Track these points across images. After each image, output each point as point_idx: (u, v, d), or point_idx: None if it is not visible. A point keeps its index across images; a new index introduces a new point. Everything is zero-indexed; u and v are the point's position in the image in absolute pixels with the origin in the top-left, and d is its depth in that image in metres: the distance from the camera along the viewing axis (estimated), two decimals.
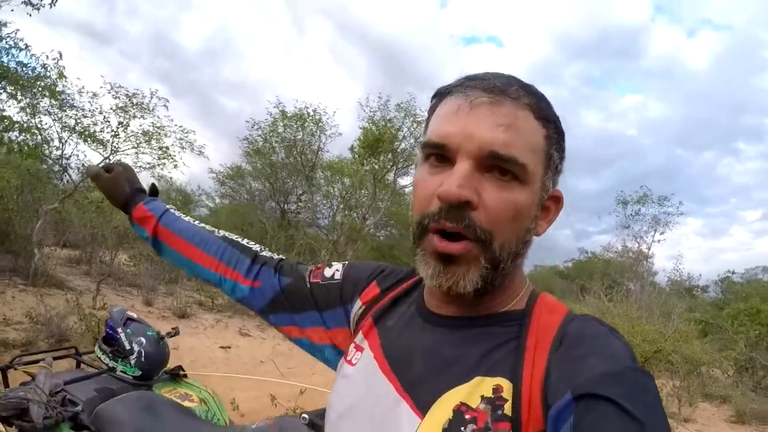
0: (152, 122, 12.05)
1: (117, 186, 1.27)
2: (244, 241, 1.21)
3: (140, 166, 12.37)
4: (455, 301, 0.83)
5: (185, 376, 2.85)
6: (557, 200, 0.86)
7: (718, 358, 10.17)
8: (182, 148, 12.76)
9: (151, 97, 11.82)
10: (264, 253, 1.19)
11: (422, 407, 0.76)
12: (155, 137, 12.14)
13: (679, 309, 13.02)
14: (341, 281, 1.08)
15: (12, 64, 8.65)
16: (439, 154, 0.77)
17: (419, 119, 18.11)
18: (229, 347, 9.30)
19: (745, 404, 8.53)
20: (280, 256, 1.20)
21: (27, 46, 8.70)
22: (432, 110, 0.85)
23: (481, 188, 0.74)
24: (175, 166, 12.77)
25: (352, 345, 0.97)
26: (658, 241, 21.49)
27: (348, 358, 0.95)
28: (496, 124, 0.74)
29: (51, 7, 8.08)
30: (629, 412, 0.60)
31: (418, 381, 0.80)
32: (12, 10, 8.17)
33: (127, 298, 11.12)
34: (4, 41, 8.55)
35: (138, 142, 11.95)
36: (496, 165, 0.74)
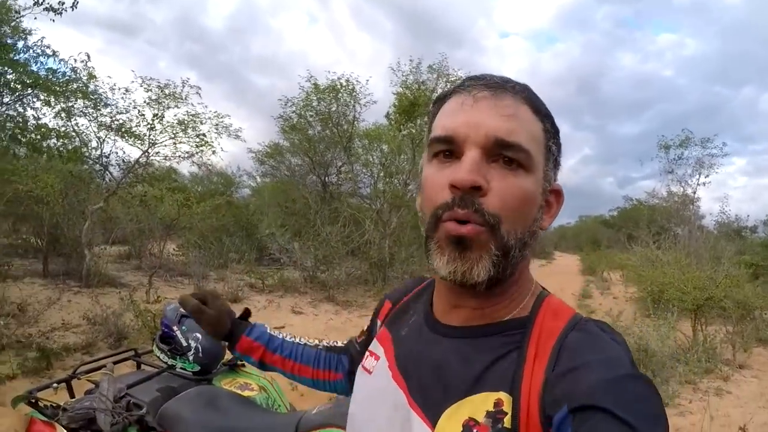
0: (186, 111, 12.09)
1: (218, 320, 1.28)
2: (339, 343, 1.34)
3: (179, 156, 12.55)
4: (465, 300, 0.86)
5: (243, 365, 2.91)
6: (558, 195, 0.89)
7: None
8: (218, 133, 12.78)
9: (183, 86, 11.86)
10: (345, 345, 1.33)
11: (432, 419, 0.79)
12: (191, 125, 12.16)
13: (728, 252, 12.77)
14: (370, 323, 1.19)
15: (42, 72, 8.75)
16: (446, 150, 0.81)
17: (453, 79, 17.75)
18: (283, 327, 9.36)
19: None
20: (349, 338, 1.33)
21: (55, 53, 8.77)
22: (433, 116, 0.89)
23: (489, 176, 0.77)
24: (213, 152, 12.82)
25: (367, 352, 1.04)
26: (703, 183, 20.97)
27: (365, 365, 1.01)
28: (499, 114, 0.78)
29: (73, 9, 8.09)
30: (622, 418, 0.62)
31: (428, 393, 0.83)
32: (35, 18, 8.24)
33: (179, 288, 11.36)
34: (31, 50, 8.63)
35: (174, 132, 12.01)
36: (502, 154, 0.78)
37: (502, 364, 0.79)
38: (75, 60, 9.47)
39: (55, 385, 2.33)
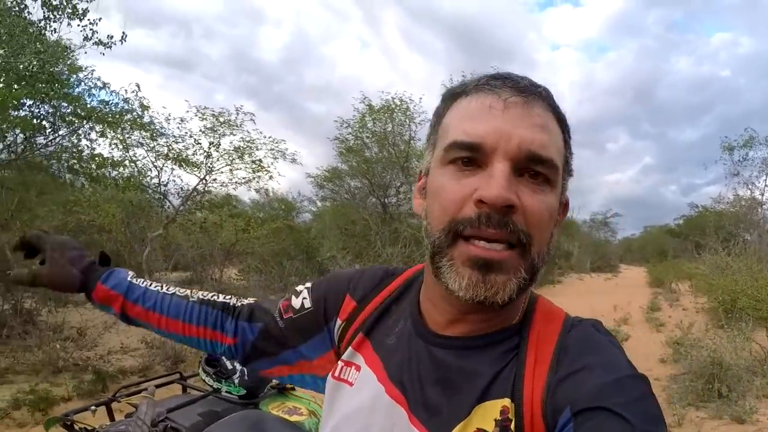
0: (242, 137, 12.29)
1: (61, 274, 1.12)
2: (220, 298, 1.16)
3: (236, 182, 12.80)
4: (469, 316, 0.80)
5: (293, 388, 2.81)
6: (565, 207, 0.84)
7: None
8: (274, 158, 12.96)
9: (237, 114, 12.07)
10: (238, 304, 1.15)
11: None
12: (247, 152, 12.37)
13: None
14: (312, 308, 1.04)
15: (94, 103, 9.08)
16: (467, 157, 0.73)
17: None
18: None
19: None
20: (251, 301, 1.16)
21: (105, 84, 9.09)
22: (443, 112, 0.82)
23: (519, 192, 0.71)
24: (271, 177, 13.04)
25: (341, 362, 0.94)
26: None
27: (340, 376, 0.92)
28: (532, 124, 0.72)
29: (122, 42, 8.45)
30: (622, 416, 0.62)
31: (433, 410, 0.78)
32: (85, 53, 8.61)
33: None
34: (83, 83, 8.97)
35: (231, 159, 12.23)
36: (529, 168, 0.72)
37: (505, 371, 0.76)
38: (126, 91, 9.76)
39: (93, 407, 2.29)
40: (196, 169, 11.81)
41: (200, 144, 11.74)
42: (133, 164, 10.74)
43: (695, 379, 6.80)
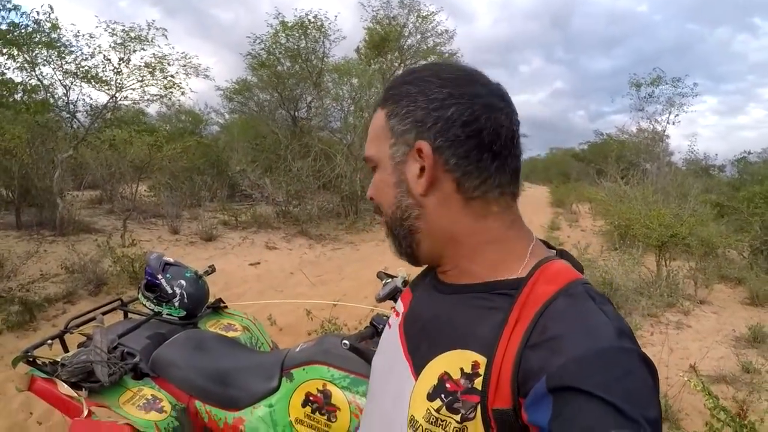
0: (153, 53, 11.84)
1: None
2: None
3: (148, 100, 12.44)
4: (438, 266, 0.94)
5: (226, 307, 3.03)
6: (421, 151, 0.82)
7: (732, 241, 10.07)
8: (187, 74, 12.61)
9: (149, 28, 11.58)
10: None
11: (417, 371, 0.84)
12: (159, 67, 11.95)
13: (695, 190, 12.84)
14: None
15: (3, 26, 8.58)
16: None
17: (424, 14, 17.71)
18: (258, 263, 9.53)
19: (759, 286, 8.43)
20: None
21: (16, 7, 8.55)
22: None
23: None
24: (183, 93, 12.70)
25: (393, 309, 1.09)
26: (673, 123, 21.18)
27: (390, 321, 1.06)
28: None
29: None
30: (604, 399, 0.60)
31: (417, 346, 0.88)
32: None
33: (153, 230, 11.35)
34: None
35: (142, 75, 11.81)
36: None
37: (486, 324, 0.77)
38: (38, 13, 9.26)
39: (49, 341, 2.35)
40: (105, 86, 11.38)
41: (110, 60, 11.26)
42: (40, 86, 10.24)
43: None
